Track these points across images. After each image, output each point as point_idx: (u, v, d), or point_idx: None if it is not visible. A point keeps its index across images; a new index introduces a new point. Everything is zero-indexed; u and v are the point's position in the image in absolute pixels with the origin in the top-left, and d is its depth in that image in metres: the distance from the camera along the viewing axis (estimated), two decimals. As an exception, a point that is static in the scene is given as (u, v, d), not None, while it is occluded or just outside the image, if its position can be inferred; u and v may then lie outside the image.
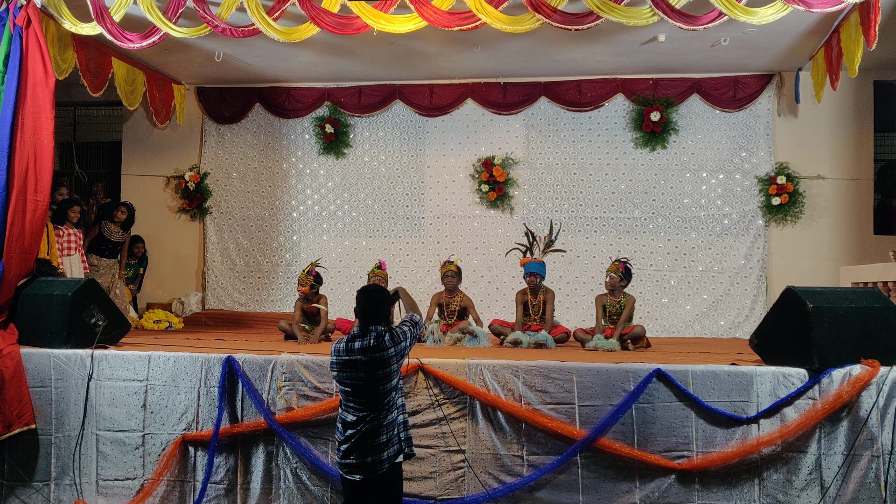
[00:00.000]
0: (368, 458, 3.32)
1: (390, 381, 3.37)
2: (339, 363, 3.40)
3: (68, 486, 4.78)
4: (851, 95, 8.21)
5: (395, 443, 3.39)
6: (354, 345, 3.36)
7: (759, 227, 8.40)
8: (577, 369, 4.40)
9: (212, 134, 9.34)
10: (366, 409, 3.35)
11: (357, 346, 3.35)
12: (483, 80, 8.79)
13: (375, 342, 3.34)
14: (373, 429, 3.32)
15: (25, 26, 5.65)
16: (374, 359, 3.32)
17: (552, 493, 4.33)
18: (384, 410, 3.35)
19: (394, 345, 3.37)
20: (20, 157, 5.52)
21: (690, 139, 8.56)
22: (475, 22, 5.68)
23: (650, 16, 5.50)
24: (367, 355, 3.32)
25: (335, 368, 3.42)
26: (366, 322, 3.45)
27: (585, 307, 8.16)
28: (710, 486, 4.26)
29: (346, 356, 3.37)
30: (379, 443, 3.32)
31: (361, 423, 3.33)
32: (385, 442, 3.34)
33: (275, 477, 4.59)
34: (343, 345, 3.41)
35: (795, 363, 4.31)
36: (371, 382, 3.33)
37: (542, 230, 7.13)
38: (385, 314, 3.50)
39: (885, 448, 4.14)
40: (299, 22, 6.03)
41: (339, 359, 3.40)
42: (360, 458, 3.32)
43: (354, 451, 3.34)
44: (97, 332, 5.11)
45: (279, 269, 9.12)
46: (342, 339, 3.47)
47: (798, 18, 6.21)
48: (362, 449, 3.32)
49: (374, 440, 3.32)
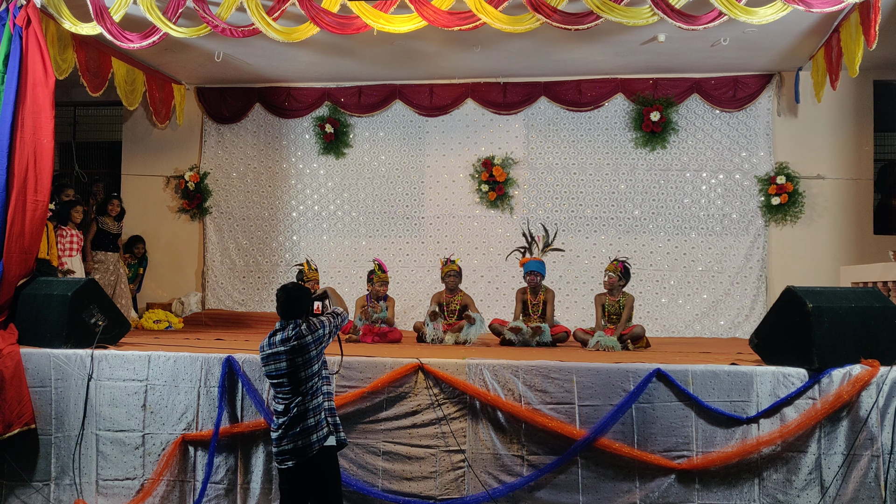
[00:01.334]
0: (299, 442, 3.51)
1: (311, 367, 3.57)
2: (265, 357, 3.62)
3: (68, 486, 4.78)
4: (851, 95, 8.21)
5: (324, 426, 3.57)
6: (276, 338, 3.60)
7: (758, 227, 8.40)
8: (576, 369, 4.40)
9: (212, 134, 9.35)
10: (291, 394, 3.56)
11: (278, 339, 3.58)
12: (483, 80, 8.79)
13: (293, 332, 3.56)
14: (299, 413, 3.52)
15: (25, 26, 5.65)
16: (292, 348, 3.53)
17: (552, 492, 4.33)
18: (308, 395, 3.55)
19: (310, 332, 3.57)
20: (20, 157, 5.52)
21: (690, 139, 8.56)
22: (475, 22, 5.68)
23: (650, 16, 5.50)
24: (286, 345, 3.54)
25: (263, 363, 3.64)
26: (286, 317, 3.66)
27: (585, 307, 8.16)
28: (710, 485, 4.25)
29: (269, 349, 3.60)
30: (307, 426, 3.52)
31: (289, 411, 3.54)
32: (313, 426, 3.53)
33: (275, 477, 4.58)
34: (266, 339, 3.65)
35: (795, 363, 4.31)
36: (293, 370, 3.54)
37: (539, 230, 7.11)
38: (304, 310, 3.68)
39: (884, 448, 4.14)
40: (299, 22, 6.03)
41: (263, 353, 3.62)
42: (292, 442, 3.51)
43: (285, 437, 3.53)
44: (97, 331, 5.11)
45: (279, 269, 9.13)
46: (267, 335, 3.69)
47: (798, 18, 6.21)
48: (292, 434, 3.51)
49: (302, 424, 3.52)
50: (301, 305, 3.68)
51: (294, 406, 3.54)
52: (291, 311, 3.66)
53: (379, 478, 4.44)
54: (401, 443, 4.49)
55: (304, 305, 3.70)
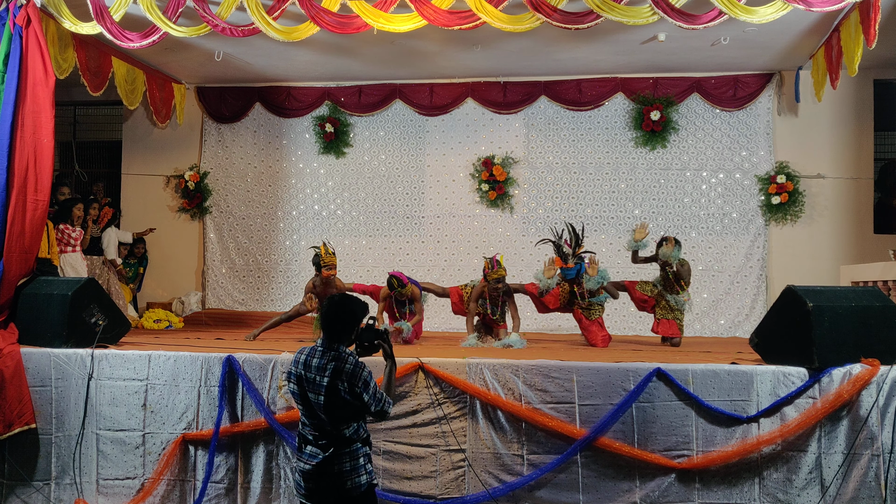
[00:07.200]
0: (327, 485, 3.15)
1: (345, 409, 3.12)
2: (290, 374, 3.23)
3: (69, 486, 4.78)
4: (851, 94, 8.20)
5: (362, 472, 3.18)
6: (313, 361, 3.14)
7: (759, 226, 8.40)
8: (577, 368, 4.40)
9: (212, 133, 9.35)
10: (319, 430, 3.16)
11: (315, 364, 3.13)
12: (483, 80, 8.78)
13: (331, 365, 3.08)
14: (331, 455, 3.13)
15: (25, 26, 5.65)
16: (329, 386, 3.07)
17: (552, 492, 4.33)
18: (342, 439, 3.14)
19: (348, 379, 3.07)
20: (20, 157, 5.52)
21: (690, 138, 8.56)
22: (475, 21, 5.67)
23: (650, 15, 5.50)
24: (322, 375, 3.08)
25: (286, 379, 3.28)
26: (328, 337, 3.19)
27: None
28: (711, 485, 4.26)
29: (298, 369, 3.18)
30: (341, 471, 3.13)
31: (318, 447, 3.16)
32: (348, 470, 3.14)
33: (275, 476, 4.59)
34: (304, 356, 3.20)
35: (795, 362, 4.31)
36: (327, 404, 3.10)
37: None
38: (348, 337, 3.21)
39: (885, 447, 4.14)
40: (299, 21, 6.03)
41: (291, 370, 3.23)
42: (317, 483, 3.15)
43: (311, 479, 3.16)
44: (97, 331, 5.11)
45: (279, 268, 9.13)
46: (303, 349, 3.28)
47: (798, 17, 6.22)
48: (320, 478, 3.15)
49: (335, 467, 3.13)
50: (346, 329, 3.19)
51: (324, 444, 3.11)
52: (332, 331, 3.18)
53: (379, 477, 4.44)
54: (401, 442, 4.49)
55: (349, 329, 3.20)
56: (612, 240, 8.58)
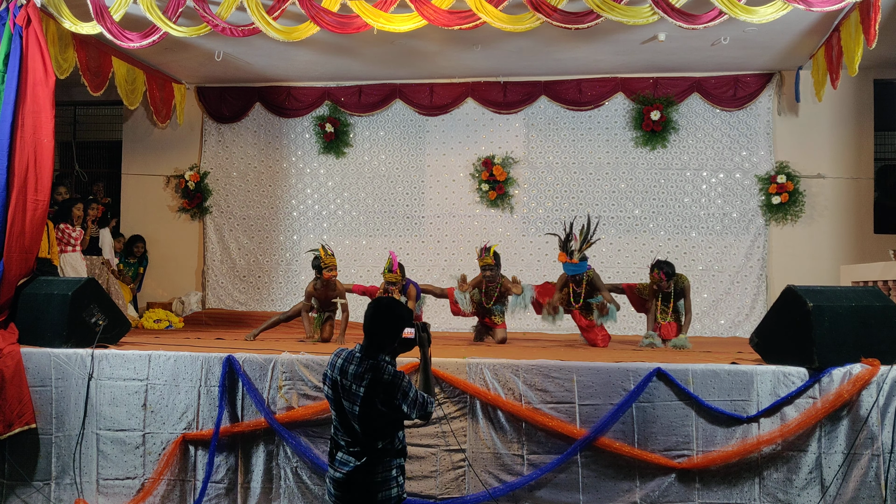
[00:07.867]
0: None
1: (380, 419, 2.97)
2: (327, 378, 3.10)
3: (69, 486, 4.78)
4: (852, 94, 8.20)
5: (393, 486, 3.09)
6: (349, 367, 2.99)
7: (759, 226, 8.40)
8: (577, 368, 4.40)
9: (212, 133, 9.35)
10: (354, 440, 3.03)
11: (351, 371, 2.97)
12: (483, 79, 8.79)
13: (370, 375, 2.92)
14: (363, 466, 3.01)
15: (25, 26, 5.65)
16: (365, 396, 2.92)
17: (552, 492, 4.33)
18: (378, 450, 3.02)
19: (385, 393, 2.91)
20: (20, 157, 5.52)
21: (690, 138, 8.55)
22: (475, 21, 5.67)
23: (650, 15, 5.50)
24: (358, 383, 2.93)
25: (323, 381, 3.14)
26: (369, 341, 3.02)
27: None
28: (711, 485, 4.25)
29: (334, 374, 3.03)
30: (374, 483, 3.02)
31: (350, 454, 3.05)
32: (380, 482, 3.04)
33: (275, 476, 4.59)
34: (341, 359, 3.05)
35: (796, 362, 4.31)
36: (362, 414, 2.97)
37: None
38: (388, 343, 3.03)
39: (885, 447, 4.14)
40: (299, 21, 6.03)
41: (327, 375, 3.09)
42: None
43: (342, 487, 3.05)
44: (97, 331, 5.11)
45: (279, 268, 9.13)
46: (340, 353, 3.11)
47: (798, 17, 6.21)
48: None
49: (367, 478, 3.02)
50: (390, 335, 3.02)
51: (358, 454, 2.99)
52: (375, 336, 3.00)
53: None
54: (401, 442, 4.49)
55: (393, 335, 3.02)
56: (611, 240, 8.57)
